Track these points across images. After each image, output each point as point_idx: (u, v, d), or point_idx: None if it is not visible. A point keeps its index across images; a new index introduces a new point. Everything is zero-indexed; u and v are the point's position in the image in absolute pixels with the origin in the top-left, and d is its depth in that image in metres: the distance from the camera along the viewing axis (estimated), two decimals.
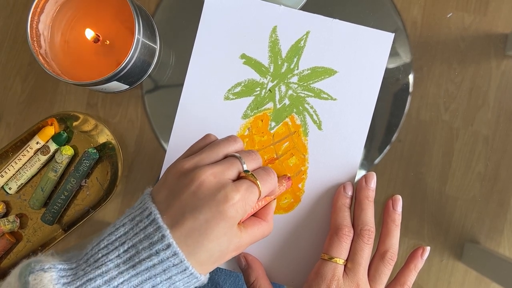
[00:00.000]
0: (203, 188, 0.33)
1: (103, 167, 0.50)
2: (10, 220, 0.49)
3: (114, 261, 0.32)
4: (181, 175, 0.35)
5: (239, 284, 0.54)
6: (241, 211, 0.34)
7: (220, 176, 0.34)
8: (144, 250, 0.32)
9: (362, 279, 0.40)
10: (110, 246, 0.33)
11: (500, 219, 0.48)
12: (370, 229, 0.41)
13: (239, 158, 0.36)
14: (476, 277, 0.48)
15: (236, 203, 0.33)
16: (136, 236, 0.33)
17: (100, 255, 0.33)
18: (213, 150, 0.37)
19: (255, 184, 0.35)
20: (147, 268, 0.32)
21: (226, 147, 0.37)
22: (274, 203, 0.41)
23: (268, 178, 0.37)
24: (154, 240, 0.32)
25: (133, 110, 0.50)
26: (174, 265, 0.32)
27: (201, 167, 0.34)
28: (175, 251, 0.32)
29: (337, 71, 0.46)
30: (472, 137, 0.48)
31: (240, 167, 0.36)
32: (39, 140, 0.49)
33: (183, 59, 0.48)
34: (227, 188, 0.34)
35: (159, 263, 0.32)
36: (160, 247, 0.32)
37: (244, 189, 0.34)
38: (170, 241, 0.32)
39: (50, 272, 0.32)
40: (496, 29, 0.48)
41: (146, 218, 0.33)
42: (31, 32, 0.43)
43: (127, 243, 0.32)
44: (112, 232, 0.33)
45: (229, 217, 0.33)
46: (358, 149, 0.45)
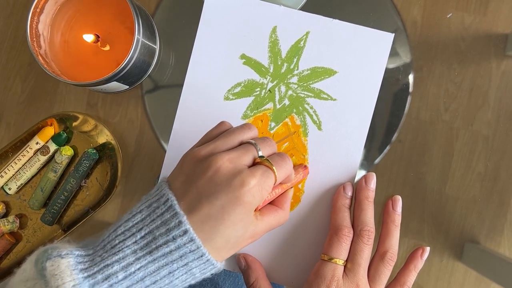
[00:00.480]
0: (219, 174, 0.33)
1: (103, 167, 0.50)
2: (10, 221, 0.49)
3: (131, 247, 0.32)
4: (197, 162, 0.35)
5: (239, 284, 0.54)
6: (258, 196, 0.34)
7: (236, 161, 0.34)
8: (161, 236, 0.32)
9: (361, 279, 0.39)
10: (127, 232, 0.33)
11: (500, 219, 0.48)
12: (370, 229, 0.41)
13: (254, 145, 0.36)
14: (476, 277, 0.48)
15: (252, 188, 0.33)
16: (153, 222, 0.33)
17: (117, 241, 0.33)
18: (228, 137, 0.37)
19: (271, 169, 0.35)
20: (164, 254, 0.32)
21: (242, 134, 0.37)
22: (291, 191, 0.41)
23: (283, 163, 0.37)
24: (171, 226, 0.32)
25: (133, 110, 0.50)
26: (191, 251, 0.32)
27: (217, 154, 0.35)
28: (192, 237, 0.32)
29: (337, 71, 0.46)
30: (472, 137, 0.48)
31: (256, 153, 0.36)
32: (39, 141, 0.49)
33: (183, 59, 0.48)
34: (243, 174, 0.34)
35: (176, 249, 0.32)
36: (177, 233, 0.32)
37: (260, 174, 0.34)
38: (187, 227, 0.32)
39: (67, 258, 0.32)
40: (496, 29, 0.48)
41: (163, 205, 0.33)
42: (31, 32, 0.43)
43: (144, 229, 0.33)
44: (129, 219, 0.33)
45: (245, 203, 0.33)
46: (358, 149, 0.45)
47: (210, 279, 0.52)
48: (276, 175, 0.36)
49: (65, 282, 0.30)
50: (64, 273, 0.31)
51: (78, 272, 0.31)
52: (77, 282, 0.31)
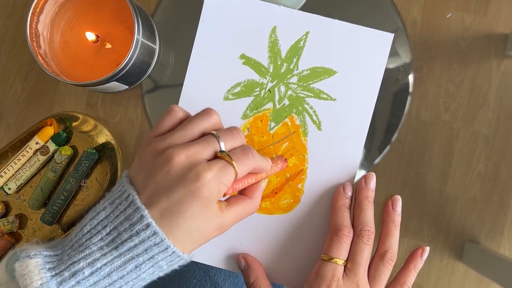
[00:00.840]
0: (175, 168, 0.33)
1: (103, 167, 0.50)
2: (10, 221, 0.49)
3: (97, 244, 0.32)
4: (155, 155, 0.35)
5: (239, 284, 0.54)
6: (215, 190, 0.34)
7: (194, 155, 0.34)
8: (125, 231, 0.32)
9: (362, 279, 0.39)
10: (93, 230, 0.33)
11: (500, 219, 0.48)
12: (370, 229, 0.41)
13: (217, 137, 0.36)
14: (476, 277, 0.48)
15: (207, 182, 0.33)
16: (117, 218, 0.33)
17: (84, 239, 0.33)
18: (187, 128, 0.36)
19: (231, 164, 0.35)
20: (129, 248, 0.32)
21: (201, 123, 0.36)
22: (264, 182, 0.40)
23: (245, 157, 0.36)
24: (133, 221, 0.32)
25: (133, 110, 0.50)
26: (155, 244, 0.32)
27: (174, 147, 0.34)
28: (155, 230, 0.32)
29: (337, 72, 0.46)
30: (472, 137, 0.48)
31: (217, 146, 0.36)
32: (39, 141, 0.49)
33: (183, 59, 0.48)
34: (199, 167, 0.33)
35: (140, 243, 0.32)
36: (140, 227, 0.32)
37: (218, 169, 0.34)
38: (149, 220, 0.32)
39: (35, 258, 0.32)
40: (496, 29, 0.48)
41: (125, 200, 0.33)
42: (31, 32, 0.43)
43: (109, 226, 0.33)
44: (94, 217, 0.34)
45: (201, 197, 0.33)
46: (358, 149, 0.45)
47: (210, 279, 0.52)
48: (237, 170, 0.35)
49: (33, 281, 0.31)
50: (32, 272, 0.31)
51: (46, 271, 0.32)
52: (44, 280, 0.31)
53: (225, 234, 0.45)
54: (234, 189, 0.38)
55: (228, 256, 0.45)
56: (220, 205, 0.36)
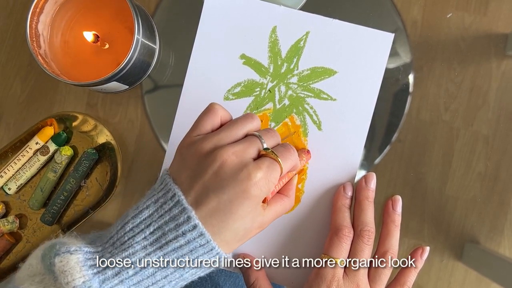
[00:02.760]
0: (225, 168, 0.33)
1: (103, 167, 0.50)
2: (10, 221, 0.49)
3: (140, 243, 0.32)
4: (201, 156, 0.35)
5: (239, 284, 0.54)
6: (265, 189, 0.34)
7: (242, 155, 0.34)
8: (170, 231, 0.32)
9: (362, 279, 0.39)
10: (136, 228, 0.33)
11: (500, 219, 0.48)
12: (370, 229, 0.41)
13: (258, 137, 0.36)
14: (476, 277, 0.48)
15: (258, 181, 0.33)
16: (161, 218, 0.33)
17: (126, 238, 0.33)
18: (232, 129, 0.36)
19: (277, 161, 0.35)
20: (174, 249, 0.32)
21: (245, 125, 0.37)
22: (295, 178, 0.41)
23: (288, 154, 0.37)
24: (180, 221, 0.32)
25: (133, 110, 0.50)
26: (201, 246, 0.32)
27: (222, 147, 0.34)
28: (202, 231, 0.32)
29: (337, 71, 0.46)
30: (472, 137, 0.48)
31: (260, 145, 0.36)
32: (39, 141, 0.49)
33: (183, 59, 0.48)
34: (249, 167, 0.34)
35: (185, 244, 0.32)
36: (187, 228, 0.32)
37: (266, 167, 0.34)
38: (196, 222, 0.32)
39: (76, 254, 0.32)
40: (496, 29, 0.48)
41: (170, 200, 0.33)
42: (31, 32, 0.43)
43: (152, 225, 0.33)
44: (136, 215, 0.33)
45: (253, 196, 0.33)
46: (358, 149, 0.45)
47: (211, 279, 0.52)
48: (282, 166, 0.36)
49: (75, 279, 0.30)
50: (74, 269, 0.31)
51: (88, 268, 0.31)
52: (87, 278, 0.31)
53: None
54: (273, 192, 0.39)
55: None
56: (263, 205, 0.36)
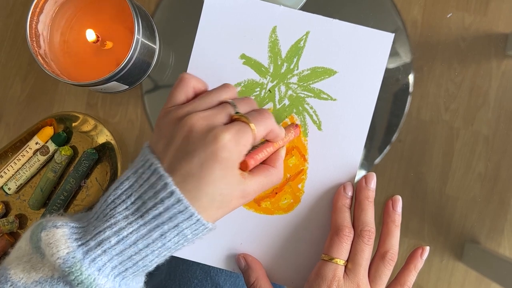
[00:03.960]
0: (193, 132, 0.34)
1: (103, 167, 0.50)
2: (10, 221, 0.49)
3: (122, 213, 0.33)
4: (174, 123, 0.35)
5: (240, 284, 0.54)
6: (235, 152, 0.34)
7: (210, 119, 0.35)
8: (149, 199, 0.32)
9: (362, 279, 0.39)
10: (117, 200, 0.33)
11: (501, 219, 0.48)
12: (371, 229, 0.41)
13: (230, 103, 0.36)
14: (476, 277, 0.48)
15: (226, 143, 0.33)
16: (141, 187, 0.33)
17: (108, 209, 0.33)
18: (206, 97, 0.37)
19: (247, 124, 0.35)
20: (154, 216, 0.32)
21: (220, 94, 0.37)
22: (283, 150, 0.41)
23: (262, 118, 0.36)
24: (157, 189, 0.32)
25: (133, 110, 0.50)
26: (180, 212, 0.32)
27: (193, 113, 0.35)
28: (179, 197, 0.32)
29: (337, 71, 0.46)
30: (472, 137, 0.48)
31: (231, 110, 0.36)
32: (39, 141, 0.49)
33: (183, 59, 0.48)
34: (217, 129, 0.34)
35: (164, 210, 0.32)
36: (164, 195, 0.32)
37: (235, 130, 0.34)
38: (173, 188, 0.32)
39: (62, 228, 0.32)
40: (497, 29, 0.48)
41: (148, 169, 0.33)
42: (31, 32, 0.43)
43: (133, 195, 0.33)
44: (118, 187, 0.34)
45: (222, 158, 0.33)
46: (358, 149, 0.45)
47: (211, 279, 0.52)
48: (255, 130, 0.35)
49: (60, 250, 0.31)
50: (59, 241, 0.31)
51: (73, 240, 0.32)
52: (71, 249, 0.31)
53: (225, 234, 0.45)
54: (256, 159, 0.38)
55: (228, 256, 0.45)
56: (242, 173, 0.36)
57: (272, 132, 0.38)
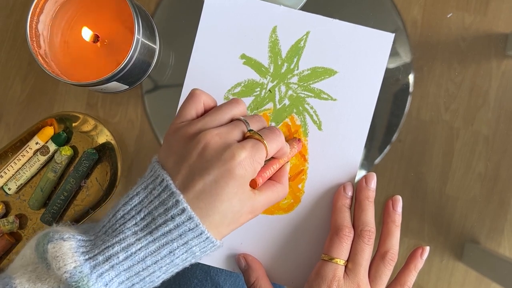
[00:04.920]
0: (209, 149, 0.34)
1: (103, 167, 0.50)
2: (10, 221, 0.49)
3: (131, 228, 0.33)
4: (186, 140, 0.35)
5: (240, 284, 0.54)
6: (250, 169, 0.34)
7: (226, 136, 0.35)
8: (159, 216, 0.32)
9: (362, 279, 0.39)
10: (127, 215, 0.33)
11: (501, 219, 0.48)
12: (371, 229, 0.41)
13: (243, 120, 0.37)
14: (477, 277, 0.48)
15: (242, 161, 0.33)
16: (151, 203, 0.33)
17: (117, 225, 0.33)
18: (217, 113, 0.37)
19: (261, 142, 0.35)
20: (164, 233, 0.32)
21: (230, 110, 0.37)
22: (288, 166, 0.41)
23: (274, 136, 0.37)
24: (168, 206, 0.32)
25: (133, 110, 0.50)
26: (190, 230, 0.32)
27: (207, 130, 0.35)
28: (190, 215, 0.32)
29: (337, 71, 0.46)
30: (472, 137, 0.48)
31: (244, 128, 0.36)
32: (39, 141, 0.49)
33: (183, 59, 0.48)
34: (233, 147, 0.34)
35: (175, 228, 0.32)
36: (175, 212, 0.32)
37: (250, 147, 0.34)
38: (184, 205, 0.32)
39: (69, 241, 0.32)
40: (497, 29, 0.48)
41: (159, 185, 0.33)
42: (31, 32, 0.43)
43: (143, 211, 0.33)
44: (127, 202, 0.34)
45: (237, 176, 0.33)
46: (358, 149, 0.45)
47: (211, 279, 0.52)
48: (267, 147, 0.36)
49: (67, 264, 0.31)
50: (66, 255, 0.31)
51: (80, 254, 0.32)
52: (78, 264, 0.31)
53: None
54: (264, 177, 0.38)
55: (228, 256, 0.45)
56: (252, 189, 0.36)
57: (281, 150, 0.38)
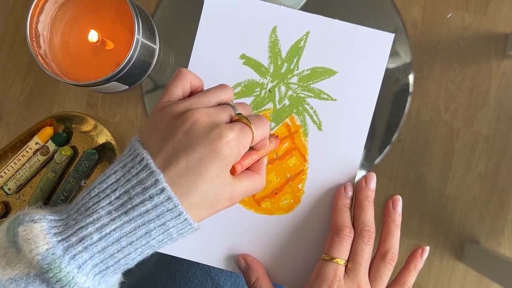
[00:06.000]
0: (197, 127, 0.33)
1: (103, 167, 0.50)
2: None
3: (105, 208, 0.31)
4: (172, 118, 0.34)
5: (240, 284, 0.54)
6: (235, 150, 0.33)
7: (214, 116, 0.34)
8: (137, 195, 0.31)
9: (363, 279, 0.39)
10: (101, 194, 0.32)
11: (501, 219, 0.48)
12: (371, 229, 0.41)
13: (230, 105, 0.36)
14: (477, 277, 0.48)
15: (230, 141, 0.33)
16: (128, 182, 0.32)
17: (91, 203, 0.32)
18: (204, 95, 0.36)
19: (249, 126, 0.35)
20: (140, 213, 0.31)
21: (217, 94, 0.37)
22: (265, 159, 0.41)
23: (261, 122, 0.37)
24: (147, 185, 0.31)
25: (132, 110, 0.50)
26: (168, 210, 0.31)
27: (195, 108, 0.34)
28: (169, 195, 0.31)
29: (337, 72, 0.46)
30: (472, 137, 0.48)
31: (232, 112, 0.36)
32: (39, 141, 0.49)
33: (183, 59, 0.48)
34: (221, 126, 0.33)
35: (152, 208, 0.31)
36: (154, 192, 0.31)
37: (238, 129, 0.34)
38: (164, 185, 0.31)
39: (40, 223, 0.31)
40: (496, 29, 0.48)
41: (138, 164, 0.32)
42: (31, 33, 0.43)
43: (118, 190, 0.32)
44: (103, 180, 0.33)
45: (223, 156, 0.33)
46: (358, 149, 0.45)
47: (211, 279, 0.52)
48: (254, 132, 0.35)
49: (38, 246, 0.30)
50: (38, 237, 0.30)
51: (52, 236, 0.30)
52: (50, 245, 0.30)
53: (225, 234, 0.45)
54: (242, 165, 0.38)
55: (228, 256, 0.45)
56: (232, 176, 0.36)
57: (264, 139, 0.38)
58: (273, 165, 0.46)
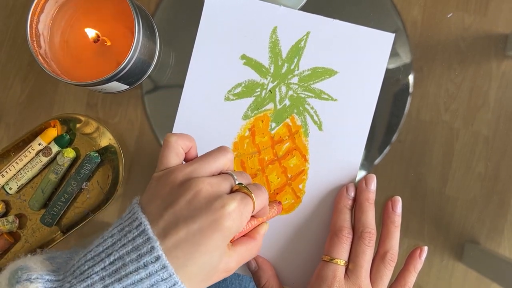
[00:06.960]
0: (199, 197, 0.32)
1: (104, 170, 0.50)
2: (9, 220, 0.49)
3: (99, 273, 0.31)
4: (174, 185, 0.34)
5: (243, 285, 0.54)
6: (237, 222, 0.33)
7: (217, 186, 0.34)
8: (131, 262, 0.31)
9: (364, 281, 0.40)
10: (97, 257, 0.32)
11: (501, 219, 0.48)
12: (371, 231, 0.41)
13: (231, 174, 0.36)
14: (477, 278, 0.48)
15: (232, 212, 0.32)
16: (123, 247, 0.31)
17: (86, 267, 0.31)
18: (205, 161, 0.36)
19: (250, 196, 0.35)
20: (134, 282, 0.30)
21: (218, 158, 0.36)
22: (265, 226, 0.40)
23: (260, 192, 0.36)
24: (142, 252, 0.31)
25: (132, 110, 0.50)
26: (163, 280, 0.30)
27: (198, 177, 0.34)
28: (164, 264, 0.30)
29: (338, 72, 0.46)
30: (472, 137, 0.48)
31: (233, 181, 0.36)
32: (41, 142, 0.49)
33: (183, 60, 0.48)
34: (224, 197, 0.33)
35: (146, 277, 0.30)
36: (149, 260, 0.30)
37: (240, 199, 0.33)
38: (159, 253, 0.30)
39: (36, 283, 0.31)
40: (497, 29, 0.48)
41: (135, 229, 0.32)
42: (31, 32, 0.43)
43: (113, 255, 0.31)
44: (100, 244, 0.32)
45: (225, 228, 0.32)
46: (359, 149, 0.45)
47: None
48: (255, 202, 0.35)
49: None
50: None
51: None
52: None
53: None
54: (240, 232, 0.38)
55: None
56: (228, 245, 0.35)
57: (264, 208, 0.37)
58: (273, 165, 0.46)
